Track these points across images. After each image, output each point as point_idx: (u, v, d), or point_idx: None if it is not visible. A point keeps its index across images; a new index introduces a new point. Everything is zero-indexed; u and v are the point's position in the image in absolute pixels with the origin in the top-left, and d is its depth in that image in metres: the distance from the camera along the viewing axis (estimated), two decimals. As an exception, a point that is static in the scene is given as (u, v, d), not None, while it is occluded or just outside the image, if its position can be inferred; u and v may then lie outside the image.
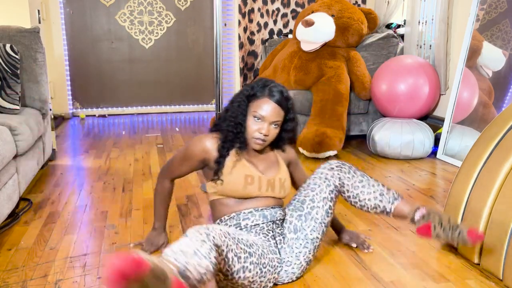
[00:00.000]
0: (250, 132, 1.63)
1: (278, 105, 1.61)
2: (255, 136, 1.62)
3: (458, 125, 3.28)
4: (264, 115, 1.60)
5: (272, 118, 1.61)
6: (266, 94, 1.61)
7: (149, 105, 5.27)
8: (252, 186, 1.64)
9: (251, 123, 1.62)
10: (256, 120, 1.61)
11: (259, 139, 1.62)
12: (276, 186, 1.69)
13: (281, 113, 1.63)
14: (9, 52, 2.51)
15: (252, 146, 1.65)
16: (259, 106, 1.61)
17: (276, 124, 1.63)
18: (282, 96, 1.62)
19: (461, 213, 1.81)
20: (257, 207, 1.66)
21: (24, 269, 1.75)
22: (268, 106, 1.60)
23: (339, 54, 3.62)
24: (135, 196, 2.56)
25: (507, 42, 3.00)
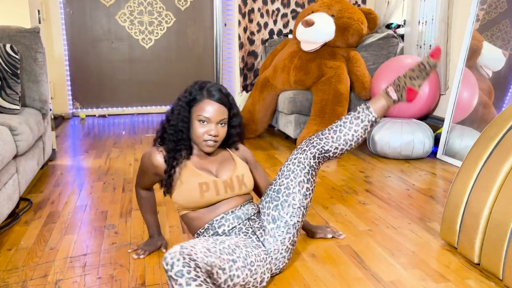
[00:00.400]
0: (198, 136, 1.61)
1: (220, 104, 1.61)
2: (205, 138, 1.61)
3: (458, 125, 3.28)
4: (209, 117, 1.59)
5: (218, 118, 1.60)
6: (206, 96, 1.61)
7: (149, 105, 5.27)
8: (208, 193, 1.61)
9: (197, 127, 1.60)
10: (202, 124, 1.60)
11: (210, 141, 1.61)
12: (235, 185, 1.66)
13: (225, 111, 1.63)
14: (9, 52, 2.51)
15: (204, 149, 1.64)
16: (202, 109, 1.59)
17: (222, 123, 1.63)
18: (221, 94, 1.62)
19: (461, 213, 1.81)
20: (227, 210, 1.64)
21: (24, 269, 1.75)
22: (211, 107, 1.59)
23: (339, 54, 3.62)
24: (135, 196, 2.56)
25: (507, 42, 3.00)
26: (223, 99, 1.62)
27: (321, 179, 2.85)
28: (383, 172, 3.01)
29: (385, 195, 2.58)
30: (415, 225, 2.17)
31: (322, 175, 2.95)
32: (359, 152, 3.53)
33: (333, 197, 2.53)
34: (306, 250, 1.90)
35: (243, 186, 1.68)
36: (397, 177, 2.91)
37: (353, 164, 3.21)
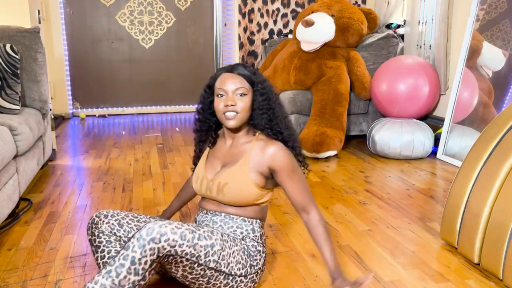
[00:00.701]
0: (218, 110, 1.53)
1: (237, 74, 1.52)
2: (223, 111, 1.51)
3: (458, 125, 3.28)
4: (224, 88, 1.50)
5: (233, 87, 1.50)
6: (223, 71, 1.55)
7: (149, 105, 5.27)
8: (196, 185, 1.64)
9: (217, 103, 1.53)
10: (220, 97, 1.52)
11: (229, 112, 1.50)
12: (213, 190, 1.56)
13: (242, 81, 1.51)
14: (9, 52, 2.51)
15: (227, 124, 1.53)
16: (219, 83, 1.53)
17: (241, 94, 1.51)
18: (239, 66, 1.54)
19: (461, 213, 1.81)
20: (204, 208, 1.64)
21: (24, 269, 1.75)
22: (226, 77, 1.52)
23: (339, 54, 3.62)
24: (135, 196, 2.56)
25: (507, 42, 3.00)
26: (240, 70, 1.53)
27: (321, 179, 2.85)
28: (383, 172, 3.01)
29: (385, 195, 2.58)
30: (415, 225, 2.17)
31: (322, 175, 2.95)
32: (359, 152, 3.53)
33: (333, 197, 2.53)
34: (306, 250, 1.90)
35: (221, 194, 1.54)
36: (397, 177, 2.91)
37: (353, 164, 3.21)
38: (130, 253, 1.28)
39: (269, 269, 1.75)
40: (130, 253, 1.28)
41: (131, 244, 1.29)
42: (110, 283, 1.27)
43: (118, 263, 1.28)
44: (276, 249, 1.92)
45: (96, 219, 1.54)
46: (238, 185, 1.52)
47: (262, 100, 1.53)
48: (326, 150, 3.24)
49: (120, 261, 1.28)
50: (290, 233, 2.07)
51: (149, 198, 2.52)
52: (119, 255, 1.30)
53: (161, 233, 1.29)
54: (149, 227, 1.30)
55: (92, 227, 1.54)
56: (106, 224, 1.53)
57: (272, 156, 1.52)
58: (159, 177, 2.89)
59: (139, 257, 1.28)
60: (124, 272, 1.27)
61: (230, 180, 1.53)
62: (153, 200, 2.50)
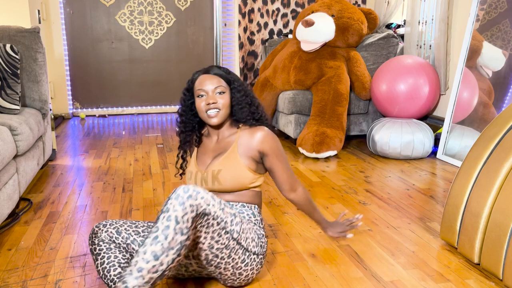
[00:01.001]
0: (200, 110, 1.61)
1: (213, 74, 1.62)
2: (205, 110, 1.60)
3: (458, 125, 3.28)
4: (204, 88, 1.60)
5: (211, 86, 1.59)
6: (200, 73, 1.64)
7: (149, 105, 5.27)
8: (191, 181, 1.69)
9: (198, 103, 1.61)
10: (200, 98, 1.61)
11: (210, 110, 1.59)
12: (208, 179, 1.63)
13: (220, 81, 1.61)
14: (9, 52, 2.51)
15: (210, 122, 1.61)
16: (198, 84, 1.62)
17: (220, 92, 1.60)
18: (215, 67, 1.64)
19: (461, 213, 1.81)
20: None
21: (24, 269, 1.75)
22: (204, 78, 1.61)
23: (339, 54, 3.62)
24: (135, 196, 2.56)
25: (507, 42, 3.00)
26: (216, 70, 1.63)
27: (321, 179, 2.86)
28: (383, 172, 3.01)
29: (385, 195, 2.58)
30: (415, 225, 2.17)
31: (322, 175, 2.95)
32: (359, 152, 3.53)
33: (333, 197, 2.54)
34: (306, 250, 1.90)
35: (216, 182, 1.61)
36: (397, 177, 2.91)
37: (353, 164, 3.21)
38: (172, 213, 1.31)
39: (269, 269, 1.75)
40: (172, 213, 1.31)
41: (171, 205, 1.32)
42: (160, 248, 1.29)
43: (163, 226, 1.30)
44: (276, 249, 1.92)
45: (96, 229, 1.57)
46: (231, 170, 1.60)
47: (240, 96, 1.64)
48: (326, 150, 3.24)
49: (164, 224, 1.30)
50: (290, 233, 2.07)
51: (149, 198, 2.52)
52: (160, 220, 1.31)
53: (197, 191, 1.35)
54: (184, 187, 1.35)
55: (92, 237, 1.57)
56: (105, 232, 1.56)
57: (261, 140, 1.62)
58: (159, 177, 2.89)
59: (182, 214, 1.31)
60: (172, 233, 1.30)
61: (223, 167, 1.61)
62: (153, 200, 2.50)
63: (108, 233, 1.56)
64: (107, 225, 1.57)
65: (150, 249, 1.29)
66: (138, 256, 1.29)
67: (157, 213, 2.30)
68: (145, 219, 2.23)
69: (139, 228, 1.60)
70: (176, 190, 1.35)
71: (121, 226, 1.58)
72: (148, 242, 1.30)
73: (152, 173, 2.99)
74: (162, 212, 1.32)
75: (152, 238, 1.30)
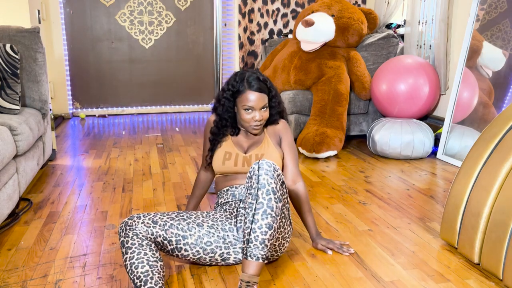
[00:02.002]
0: (246, 121, 1.80)
1: (260, 92, 1.78)
2: (252, 124, 1.80)
3: (458, 125, 3.28)
4: (253, 105, 1.77)
5: (260, 105, 1.78)
6: (247, 87, 1.78)
7: (149, 105, 5.27)
8: (229, 161, 1.85)
9: (244, 115, 1.79)
10: (247, 111, 1.78)
11: (256, 126, 1.80)
12: (252, 161, 1.83)
13: (265, 98, 1.79)
14: (9, 52, 2.51)
15: (252, 132, 1.83)
16: (246, 99, 1.77)
17: (264, 107, 1.80)
18: (260, 82, 1.79)
19: (461, 213, 1.81)
20: (233, 184, 1.86)
21: (24, 269, 1.75)
22: (253, 96, 1.77)
23: (339, 54, 3.62)
24: (135, 196, 2.56)
25: (507, 42, 3.00)
26: (262, 86, 1.78)
27: (321, 179, 2.85)
28: (383, 172, 3.01)
29: (385, 195, 2.58)
30: (415, 225, 2.17)
31: (322, 175, 2.95)
32: (359, 152, 3.53)
33: (333, 197, 2.53)
34: (306, 250, 1.90)
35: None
36: (397, 177, 2.91)
37: (353, 164, 3.21)
38: (268, 187, 1.52)
39: (269, 269, 1.75)
40: (269, 187, 1.52)
41: (264, 180, 1.52)
42: (271, 219, 1.50)
43: (266, 200, 1.51)
44: (276, 249, 1.92)
45: (129, 221, 1.60)
46: (272, 155, 1.85)
47: (276, 106, 1.87)
48: (326, 150, 3.24)
49: (266, 198, 1.50)
50: (290, 233, 2.07)
51: (149, 198, 2.52)
52: (260, 196, 1.51)
53: (273, 163, 1.57)
54: (266, 161, 1.56)
55: (126, 229, 1.58)
56: (141, 223, 1.59)
57: (281, 128, 1.91)
58: (159, 177, 2.89)
59: (275, 186, 1.53)
60: (275, 204, 1.52)
61: (265, 152, 1.86)
62: (153, 200, 2.50)
63: (145, 223, 1.60)
64: (141, 217, 1.62)
65: (264, 223, 1.49)
66: (254, 232, 1.48)
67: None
68: (145, 219, 2.23)
69: (171, 215, 1.68)
70: (261, 166, 1.55)
71: (154, 216, 1.64)
72: (258, 217, 1.49)
73: (152, 173, 2.99)
74: (259, 189, 1.51)
75: (261, 213, 1.49)
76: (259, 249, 1.49)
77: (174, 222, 1.65)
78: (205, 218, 1.72)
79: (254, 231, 1.49)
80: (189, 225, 1.66)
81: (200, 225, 1.68)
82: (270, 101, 1.85)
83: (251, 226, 1.50)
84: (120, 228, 1.59)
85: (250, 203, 1.53)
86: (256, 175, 1.54)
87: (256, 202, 1.51)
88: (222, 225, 1.72)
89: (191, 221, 1.68)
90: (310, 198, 2.53)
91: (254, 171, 1.56)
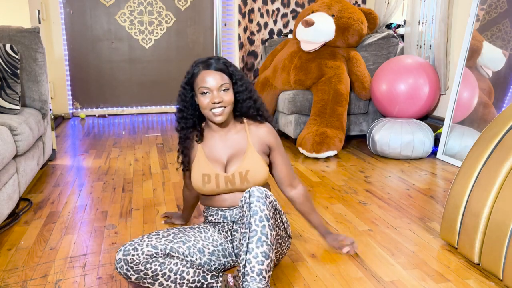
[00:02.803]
0: (204, 107, 1.59)
1: (217, 70, 1.58)
2: (209, 108, 1.58)
3: (458, 125, 3.28)
4: (208, 86, 1.57)
5: (217, 84, 1.57)
6: (201, 68, 1.60)
7: (149, 105, 5.27)
8: (210, 185, 1.66)
9: (201, 100, 1.59)
10: (204, 95, 1.58)
11: (216, 109, 1.58)
12: (236, 181, 1.65)
13: (223, 77, 1.59)
14: (9, 52, 2.51)
15: (215, 120, 1.60)
16: (201, 81, 1.58)
17: (225, 89, 1.59)
18: (218, 62, 1.60)
19: (461, 213, 1.81)
20: (222, 207, 1.70)
21: (24, 269, 1.75)
22: (207, 75, 1.57)
23: (339, 54, 3.62)
24: (135, 196, 2.56)
25: (507, 42, 3.00)
26: (219, 66, 1.59)
27: (321, 179, 2.85)
28: (383, 172, 3.01)
29: (385, 195, 2.58)
30: (415, 225, 2.17)
31: (322, 175, 2.95)
32: (359, 152, 3.53)
33: (333, 197, 2.53)
34: (306, 250, 1.90)
35: (245, 182, 1.65)
36: (397, 177, 2.91)
37: (353, 164, 3.21)
38: (261, 213, 1.39)
39: (269, 269, 1.75)
40: (262, 213, 1.39)
41: (256, 207, 1.40)
42: (266, 247, 1.37)
43: (259, 227, 1.38)
44: (276, 249, 1.92)
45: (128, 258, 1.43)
46: (257, 168, 1.66)
47: (243, 90, 1.65)
48: (326, 150, 3.24)
49: (260, 225, 1.38)
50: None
51: (149, 198, 2.52)
52: (253, 223, 1.38)
53: (266, 191, 1.45)
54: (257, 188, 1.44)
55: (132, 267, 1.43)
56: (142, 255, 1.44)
57: (268, 134, 1.69)
58: (159, 177, 2.89)
59: (268, 212, 1.41)
60: (269, 231, 1.39)
61: (250, 167, 1.65)
62: (153, 200, 2.50)
63: (146, 252, 1.44)
64: (138, 248, 1.44)
65: (259, 251, 1.35)
66: (249, 262, 1.35)
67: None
68: (145, 219, 2.23)
69: (165, 234, 1.55)
70: (252, 193, 1.43)
71: (150, 240, 1.49)
72: (253, 246, 1.36)
73: (152, 173, 2.99)
74: (252, 216, 1.39)
75: (256, 242, 1.36)
76: (256, 281, 1.33)
77: (175, 245, 1.53)
78: (204, 241, 1.64)
79: (249, 261, 1.35)
80: (189, 250, 1.57)
81: (201, 251, 1.60)
82: (234, 84, 1.63)
83: (246, 257, 1.35)
84: (121, 268, 1.43)
85: (244, 233, 1.40)
86: (247, 203, 1.42)
87: (249, 230, 1.38)
88: (223, 251, 1.67)
89: (191, 244, 1.59)
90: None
91: (245, 200, 1.43)
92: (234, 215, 1.69)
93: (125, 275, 1.44)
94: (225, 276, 1.55)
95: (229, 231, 1.70)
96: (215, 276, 1.54)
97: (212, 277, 1.53)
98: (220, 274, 1.56)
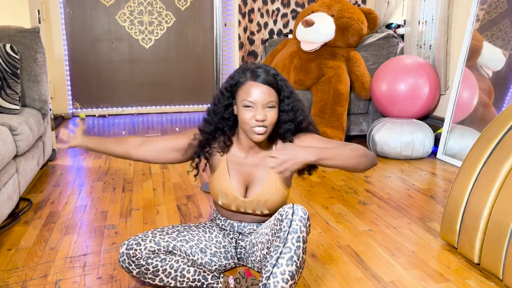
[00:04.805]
0: (245, 122, 1.44)
1: (266, 85, 1.43)
2: (252, 125, 1.43)
3: (458, 125, 3.28)
4: (254, 100, 1.42)
5: (264, 100, 1.42)
6: (249, 78, 1.44)
7: (149, 105, 5.27)
8: (225, 201, 1.60)
9: (243, 113, 1.44)
10: (247, 108, 1.43)
11: (258, 127, 1.43)
12: (253, 207, 1.60)
13: (272, 93, 1.44)
14: (9, 52, 2.51)
15: (253, 138, 1.46)
16: (246, 93, 1.43)
17: (271, 106, 1.44)
18: (267, 74, 1.44)
19: (461, 213, 1.81)
20: (232, 219, 1.67)
21: (24, 269, 1.75)
22: (255, 89, 1.42)
23: (339, 54, 3.62)
24: (135, 196, 2.56)
25: (507, 42, 3.00)
26: (269, 79, 1.43)
27: (321, 179, 2.85)
28: (383, 172, 3.01)
29: (385, 195, 2.58)
30: (415, 225, 2.17)
31: (322, 175, 2.95)
32: (359, 152, 3.53)
33: (333, 197, 2.53)
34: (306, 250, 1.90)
35: (262, 209, 1.60)
36: (397, 177, 2.91)
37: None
38: (300, 234, 1.34)
39: (269, 269, 1.75)
40: (301, 234, 1.34)
41: (297, 226, 1.34)
42: (295, 268, 1.31)
43: (294, 246, 1.32)
44: (276, 249, 1.92)
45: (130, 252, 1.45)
46: (277, 198, 1.58)
47: (289, 111, 1.51)
48: (326, 150, 3.23)
49: (295, 245, 1.32)
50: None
51: (149, 198, 2.52)
52: (289, 240, 1.32)
53: (307, 212, 1.39)
54: (301, 208, 1.37)
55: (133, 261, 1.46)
56: (145, 250, 1.46)
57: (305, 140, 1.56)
58: (159, 177, 2.89)
59: (305, 235, 1.35)
60: (302, 253, 1.34)
61: (270, 196, 1.57)
62: (153, 200, 2.50)
63: (148, 248, 1.46)
64: (142, 243, 1.46)
65: (287, 269, 1.29)
66: (275, 276, 1.28)
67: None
68: (145, 219, 2.23)
69: (169, 232, 1.56)
70: (296, 211, 1.36)
71: (153, 236, 1.49)
72: (283, 262, 1.30)
73: (152, 173, 2.99)
74: (290, 233, 1.33)
75: (287, 259, 1.30)
76: None
77: (177, 244, 1.54)
78: (208, 242, 1.64)
79: (274, 275, 1.28)
80: (192, 249, 1.58)
81: (203, 251, 1.61)
82: (281, 102, 1.48)
83: (272, 270, 1.28)
84: (123, 262, 1.46)
85: (277, 246, 1.33)
86: (289, 219, 1.35)
87: (283, 246, 1.31)
88: (225, 253, 1.68)
89: (193, 244, 1.59)
90: (310, 198, 2.53)
91: (287, 215, 1.36)
92: (242, 227, 1.66)
93: (127, 269, 1.47)
94: (226, 278, 1.55)
95: (233, 238, 1.69)
96: (215, 277, 1.55)
97: (212, 277, 1.54)
98: (221, 275, 1.56)
